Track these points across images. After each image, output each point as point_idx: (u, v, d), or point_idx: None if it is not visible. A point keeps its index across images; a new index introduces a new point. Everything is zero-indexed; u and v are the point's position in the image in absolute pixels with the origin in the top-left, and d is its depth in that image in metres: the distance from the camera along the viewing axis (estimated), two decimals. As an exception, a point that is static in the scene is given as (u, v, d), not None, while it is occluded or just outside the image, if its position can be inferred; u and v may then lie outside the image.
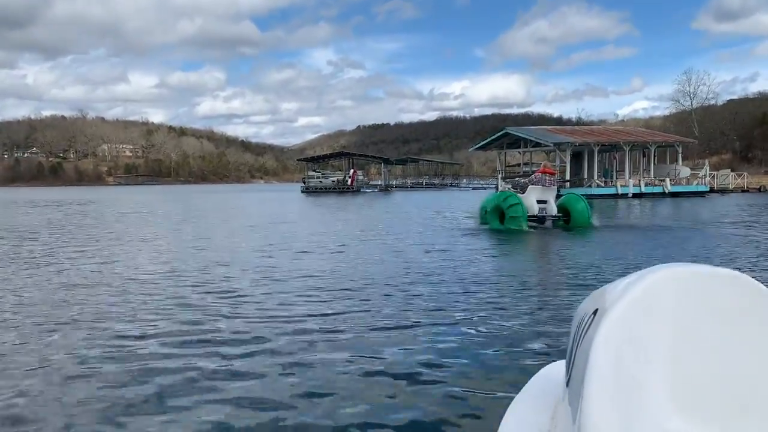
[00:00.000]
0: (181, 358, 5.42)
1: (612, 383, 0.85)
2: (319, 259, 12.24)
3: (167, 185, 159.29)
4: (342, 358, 5.36)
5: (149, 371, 5.07)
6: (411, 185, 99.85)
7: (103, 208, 37.93)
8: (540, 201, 19.34)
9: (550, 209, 19.50)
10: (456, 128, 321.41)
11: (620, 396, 0.83)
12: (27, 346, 5.92)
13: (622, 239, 16.26)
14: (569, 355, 1.12)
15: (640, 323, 0.91)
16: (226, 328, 6.48)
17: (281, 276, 10.03)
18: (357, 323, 6.62)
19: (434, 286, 8.85)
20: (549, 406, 1.24)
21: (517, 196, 19.04)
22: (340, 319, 6.83)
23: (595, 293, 1.13)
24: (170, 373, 5.00)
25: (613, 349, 0.89)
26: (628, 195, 47.23)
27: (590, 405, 0.83)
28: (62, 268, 11.23)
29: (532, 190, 19.40)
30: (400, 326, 6.42)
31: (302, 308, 7.43)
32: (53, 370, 5.16)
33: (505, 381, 4.73)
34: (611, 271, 10.24)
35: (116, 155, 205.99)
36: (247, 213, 32.47)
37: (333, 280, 9.62)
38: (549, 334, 6.08)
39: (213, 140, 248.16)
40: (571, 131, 55.51)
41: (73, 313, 7.34)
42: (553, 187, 20.04)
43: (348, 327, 6.45)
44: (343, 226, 21.61)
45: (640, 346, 0.89)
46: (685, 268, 0.96)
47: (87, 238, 17.45)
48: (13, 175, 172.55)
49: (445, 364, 5.21)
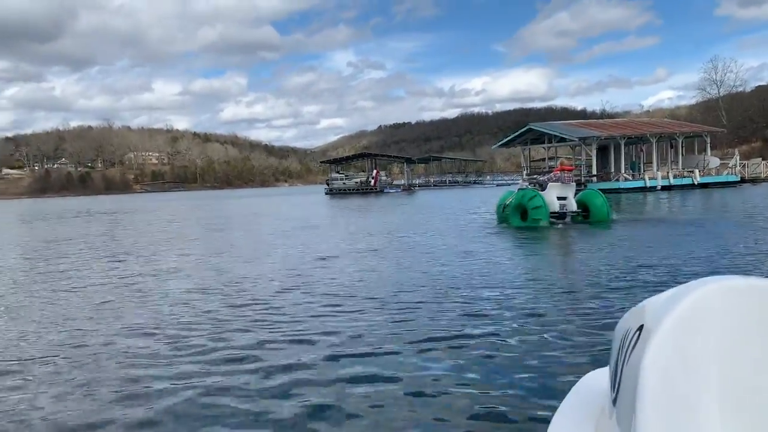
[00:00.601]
0: (211, 376, 5.40)
1: (665, 406, 0.82)
2: (347, 265, 12.18)
3: (193, 191, 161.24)
4: (374, 374, 5.29)
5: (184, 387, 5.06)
6: (434, 184, 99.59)
7: (143, 217, 38.46)
8: (560, 197, 19.73)
9: (569, 205, 19.85)
10: (478, 124, 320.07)
11: (673, 419, 0.81)
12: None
13: (646, 235, 15.97)
14: (614, 372, 1.09)
15: (689, 341, 0.88)
16: (259, 342, 6.46)
17: (310, 283, 10.00)
18: (390, 335, 6.53)
19: (467, 292, 8.73)
20: (592, 420, 1.21)
21: (539, 194, 19.40)
22: (374, 331, 6.75)
23: (637, 308, 1.11)
24: (190, 390, 4.99)
25: (663, 369, 0.86)
26: (656, 188, 46.50)
27: (644, 429, 0.81)
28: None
29: (552, 187, 19.76)
30: (434, 338, 6.28)
31: (332, 321, 7.38)
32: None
33: (546, 393, 4.63)
34: (640, 271, 10.02)
35: (142, 163, 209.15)
36: (276, 217, 32.62)
37: (362, 287, 9.55)
38: (584, 342, 5.94)
39: (237, 145, 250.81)
40: (597, 125, 54.80)
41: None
42: (572, 184, 20.43)
43: (381, 340, 6.35)
44: (368, 229, 21.58)
45: (691, 365, 0.86)
46: (736, 281, 0.93)
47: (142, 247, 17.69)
48: (43, 186, 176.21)
49: (481, 376, 5.11)
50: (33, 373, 5.76)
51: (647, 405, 0.83)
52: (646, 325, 0.98)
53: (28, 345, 6.83)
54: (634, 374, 0.90)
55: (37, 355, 6.36)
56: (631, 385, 0.90)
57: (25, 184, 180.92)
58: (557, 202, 19.63)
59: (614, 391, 1.06)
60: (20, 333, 7.41)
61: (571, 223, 19.46)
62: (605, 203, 19.99)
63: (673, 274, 9.47)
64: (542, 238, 16.81)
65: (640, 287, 8.53)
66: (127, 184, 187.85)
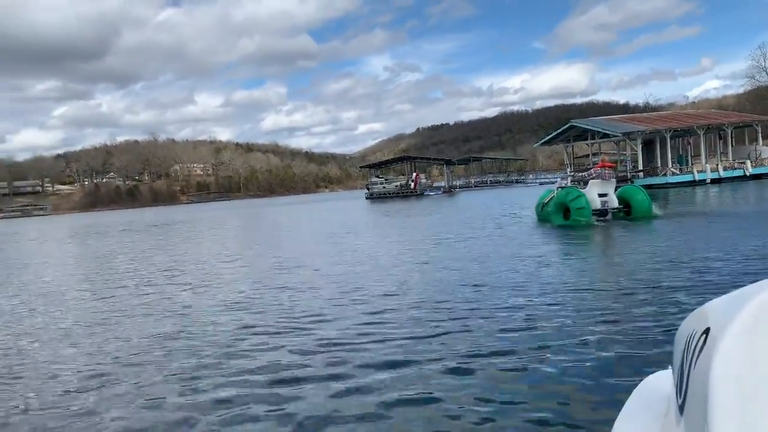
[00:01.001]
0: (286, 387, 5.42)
1: (739, 416, 0.79)
2: (399, 272, 12.14)
3: (238, 200, 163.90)
4: (454, 377, 5.24)
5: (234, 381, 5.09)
6: (475, 185, 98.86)
7: (198, 226, 39.30)
8: (601, 194, 19.80)
9: (610, 202, 19.92)
10: (518, 123, 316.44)
11: (747, 426, 0.78)
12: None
13: (693, 231, 15.50)
14: (679, 377, 1.07)
15: (760, 346, 0.85)
16: (323, 353, 6.47)
17: (365, 293, 9.99)
18: (451, 345, 6.45)
19: (521, 298, 8.58)
20: (656, 424, 1.20)
21: (580, 192, 19.53)
22: (434, 342, 6.68)
23: (700, 311, 1.09)
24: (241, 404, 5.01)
25: (735, 377, 0.83)
26: (705, 181, 45.12)
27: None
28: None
29: (593, 184, 19.89)
30: (493, 352, 6.14)
31: (388, 328, 7.34)
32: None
33: (607, 396, 4.56)
34: (692, 270, 9.68)
35: (188, 174, 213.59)
36: (320, 224, 32.84)
37: (413, 295, 9.49)
38: (644, 343, 5.76)
39: (278, 154, 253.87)
40: (641, 119, 53.50)
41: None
42: (612, 180, 20.53)
43: (441, 351, 6.26)
44: (412, 233, 21.50)
45: (763, 372, 0.83)
46: None
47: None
48: (93, 200, 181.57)
49: (542, 379, 5.04)
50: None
51: (721, 415, 0.80)
52: (712, 328, 0.95)
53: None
54: (704, 381, 0.87)
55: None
56: (701, 392, 0.87)
57: (76, 198, 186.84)
58: (598, 199, 19.64)
59: (680, 397, 1.03)
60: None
61: (612, 220, 19.37)
62: (647, 198, 19.89)
63: (730, 274, 9.13)
64: (587, 237, 16.62)
65: (695, 287, 8.25)
66: (174, 195, 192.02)
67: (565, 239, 16.23)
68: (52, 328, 9.15)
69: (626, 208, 19.92)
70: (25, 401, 5.67)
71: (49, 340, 8.25)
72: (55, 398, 5.70)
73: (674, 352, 1.17)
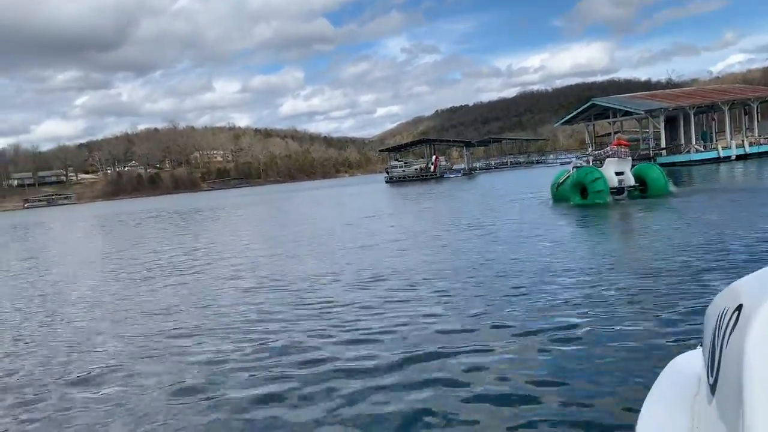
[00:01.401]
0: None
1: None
2: (419, 255, 12.14)
3: (258, 186, 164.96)
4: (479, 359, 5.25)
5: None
6: (495, 166, 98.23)
7: (221, 214, 39.66)
8: (617, 172, 19.80)
9: (627, 180, 19.91)
10: (538, 102, 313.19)
11: None
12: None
13: (710, 208, 15.24)
14: (710, 355, 1.05)
15: None
16: (342, 341, 6.51)
17: (385, 276, 10.02)
18: (476, 327, 6.45)
19: (545, 279, 8.52)
20: (686, 404, 1.19)
21: (598, 171, 19.53)
22: (459, 323, 6.70)
23: (731, 288, 1.08)
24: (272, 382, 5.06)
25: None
26: (731, 158, 44.29)
27: (756, 420, 0.75)
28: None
29: (610, 162, 19.90)
30: (519, 333, 6.06)
31: (406, 310, 7.36)
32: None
33: (635, 377, 4.50)
34: (714, 248, 9.53)
35: (208, 161, 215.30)
36: (343, 209, 32.93)
37: (447, 277, 9.49)
38: (671, 323, 5.71)
39: (297, 139, 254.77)
40: (663, 95, 52.57)
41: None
42: (628, 158, 20.47)
43: (465, 334, 6.27)
44: (434, 216, 21.48)
45: None
46: None
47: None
48: (115, 189, 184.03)
49: (571, 362, 5.01)
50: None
51: (757, 393, 0.77)
52: (744, 305, 0.92)
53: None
54: (737, 359, 0.85)
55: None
56: (734, 370, 0.85)
57: (99, 187, 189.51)
58: (615, 177, 19.65)
59: (712, 376, 1.01)
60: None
61: (628, 198, 19.32)
62: (662, 176, 19.90)
63: (752, 253, 8.97)
64: (606, 216, 16.50)
65: (715, 266, 8.12)
66: (195, 182, 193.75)
67: (584, 219, 16.11)
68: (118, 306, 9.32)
69: (642, 186, 19.91)
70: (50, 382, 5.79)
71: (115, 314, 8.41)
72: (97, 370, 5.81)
73: (704, 331, 1.16)
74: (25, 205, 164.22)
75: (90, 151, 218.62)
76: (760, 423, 0.74)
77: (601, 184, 19.00)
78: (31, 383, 5.91)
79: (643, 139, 51.57)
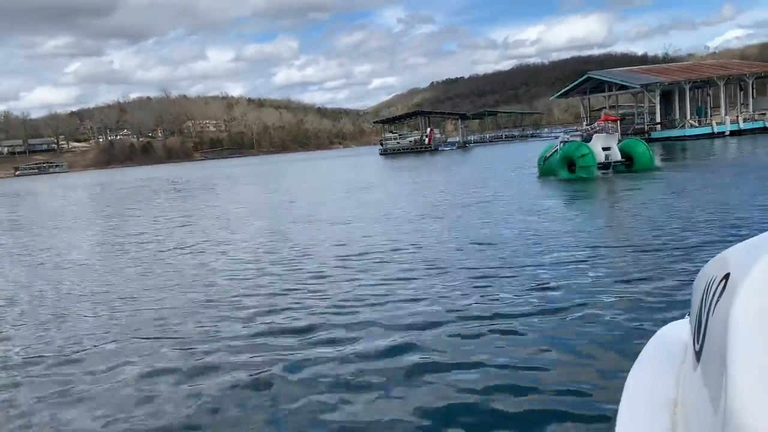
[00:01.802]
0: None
1: (758, 363, 0.77)
2: (411, 230, 12.10)
3: (251, 156, 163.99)
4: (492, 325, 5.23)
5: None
6: (490, 139, 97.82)
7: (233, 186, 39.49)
8: (605, 148, 20.35)
9: (613, 155, 20.44)
10: (534, 76, 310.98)
11: (766, 369, 0.76)
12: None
13: (695, 182, 15.71)
14: (696, 323, 1.05)
15: None
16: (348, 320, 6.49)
17: (384, 252, 9.99)
18: (466, 305, 6.41)
19: (534, 254, 8.52)
20: (672, 372, 1.20)
21: (587, 146, 20.00)
22: (446, 303, 6.66)
23: (720, 257, 1.07)
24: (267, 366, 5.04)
25: (755, 323, 0.81)
26: (725, 133, 44.19)
27: (738, 386, 0.75)
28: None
29: (598, 138, 20.45)
30: (512, 310, 6.05)
31: (401, 289, 7.34)
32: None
33: (623, 345, 4.56)
34: (699, 220, 9.53)
35: (201, 131, 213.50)
36: (338, 181, 32.84)
37: (428, 254, 9.47)
38: (658, 294, 5.70)
39: (291, 109, 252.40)
40: (659, 70, 52.26)
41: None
42: (615, 134, 21.18)
43: (454, 311, 6.22)
44: (427, 191, 21.42)
45: None
46: None
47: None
48: (108, 158, 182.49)
49: (559, 330, 5.05)
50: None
51: (740, 359, 0.77)
52: (732, 274, 0.92)
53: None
54: (722, 326, 0.85)
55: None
56: (719, 337, 0.85)
57: (92, 156, 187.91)
58: (602, 152, 20.16)
59: (698, 343, 1.01)
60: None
61: (614, 173, 19.86)
62: (648, 151, 20.56)
63: (735, 225, 9.01)
64: (593, 190, 16.85)
65: (704, 236, 8.12)
66: (188, 152, 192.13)
67: (572, 193, 16.35)
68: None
69: (628, 161, 20.39)
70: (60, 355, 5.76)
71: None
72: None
73: (692, 300, 1.15)
74: (16, 173, 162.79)
75: (81, 119, 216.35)
76: (741, 388, 0.75)
77: (589, 159, 19.50)
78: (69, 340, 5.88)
79: (638, 113, 51.42)
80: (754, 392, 0.73)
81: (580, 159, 19.51)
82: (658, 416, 1.08)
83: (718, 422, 0.77)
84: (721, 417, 0.76)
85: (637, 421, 1.10)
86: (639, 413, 1.12)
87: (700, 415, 0.91)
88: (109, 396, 4.52)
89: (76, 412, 4.28)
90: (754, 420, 0.70)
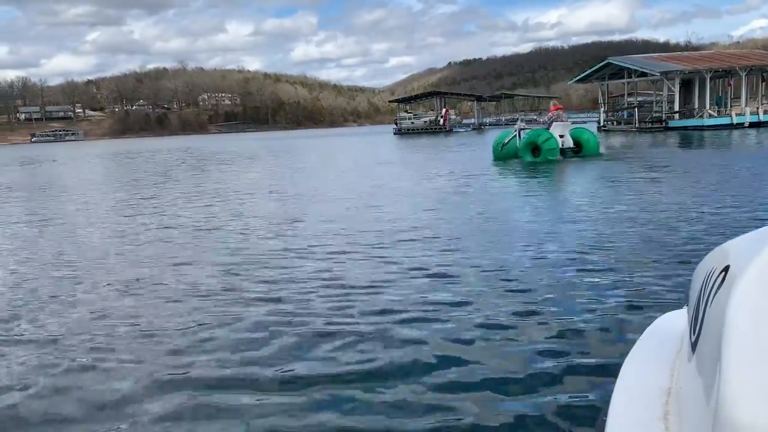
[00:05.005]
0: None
1: (754, 352, 0.77)
2: (434, 214, 12.24)
3: (266, 132, 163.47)
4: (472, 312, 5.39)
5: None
6: (506, 122, 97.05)
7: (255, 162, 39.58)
8: (561, 135, 22.55)
9: (566, 141, 22.79)
10: (553, 59, 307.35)
11: (764, 366, 0.76)
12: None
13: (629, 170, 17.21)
14: (694, 314, 1.05)
15: None
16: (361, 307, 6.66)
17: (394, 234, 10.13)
18: (453, 294, 6.58)
19: (522, 234, 8.66)
20: (667, 362, 1.20)
21: (549, 132, 22.37)
22: (434, 293, 6.82)
23: (720, 249, 1.07)
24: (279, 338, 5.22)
25: (752, 315, 0.81)
26: (744, 124, 43.58)
27: (732, 378, 0.75)
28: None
29: (556, 126, 22.72)
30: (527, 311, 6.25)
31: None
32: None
33: (619, 336, 4.57)
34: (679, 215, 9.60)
35: (216, 104, 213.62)
36: (351, 160, 32.88)
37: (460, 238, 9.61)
38: (654, 284, 5.82)
39: (306, 86, 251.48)
40: (680, 58, 51.48)
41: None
42: (568, 122, 23.91)
43: (443, 301, 6.41)
44: (438, 171, 21.54)
45: None
46: None
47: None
48: (123, 128, 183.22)
49: (552, 319, 5.10)
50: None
51: (735, 350, 0.78)
52: (732, 266, 0.93)
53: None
54: (719, 317, 0.85)
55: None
56: (716, 328, 0.85)
57: (107, 125, 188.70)
58: (560, 139, 22.39)
59: (694, 334, 1.02)
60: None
61: (564, 158, 22.08)
62: (594, 139, 23.47)
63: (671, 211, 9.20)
64: (553, 171, 18.98)
65: (688, 224, 8.19)
66: (203, 124, 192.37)
67: (534, 175, 17.83)
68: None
69: (577, 148, 22.79)
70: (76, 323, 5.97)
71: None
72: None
73: (690, 290, 1.17)
74: (32, 139, 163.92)
75: (98, 87, 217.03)
76: (734, 380, 0.75)
77: (553, 143, 21.91)
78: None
79: (656, 101, 50.82)
80: (747, 385, 0.74)
81: (545, 143, 21.73)
82: (651, 404, 1.09)
83: (710, 412, 0.78)
84: (713, 407, 0.77)
85: (629, 408, 1.11)
86: (632, 401, 1.13)
87: (693, 404, 0.92)
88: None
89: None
90: (745, 412, 0.70)
